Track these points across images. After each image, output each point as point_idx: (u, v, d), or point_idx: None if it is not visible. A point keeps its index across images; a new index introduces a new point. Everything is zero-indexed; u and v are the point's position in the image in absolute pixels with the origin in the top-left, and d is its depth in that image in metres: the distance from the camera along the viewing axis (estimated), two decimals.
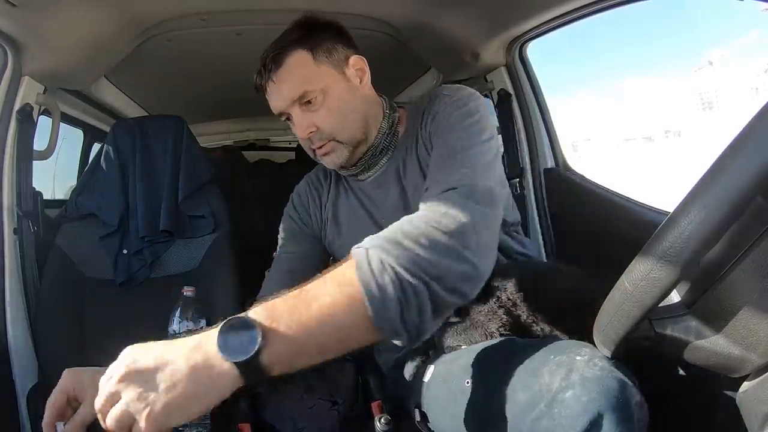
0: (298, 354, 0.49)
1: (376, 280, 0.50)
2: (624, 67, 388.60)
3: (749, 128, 0.38)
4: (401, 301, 0.50)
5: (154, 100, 1.74)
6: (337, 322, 0.49)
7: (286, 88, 0.77)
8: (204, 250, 1.16)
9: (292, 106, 0.77)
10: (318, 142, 0.79)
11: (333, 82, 0.78)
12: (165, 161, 1.19)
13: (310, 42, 0.77)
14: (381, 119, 0.83)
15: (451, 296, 0.53)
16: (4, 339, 1.00)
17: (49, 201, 1.18)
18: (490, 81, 1.37)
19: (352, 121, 0.79)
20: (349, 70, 0.80)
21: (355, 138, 0.80)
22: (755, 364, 0.43)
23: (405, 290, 0.50)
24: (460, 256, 0.53)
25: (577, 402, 0.47)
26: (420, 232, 0.54)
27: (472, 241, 0.55)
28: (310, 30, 0.78)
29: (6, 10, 0.86)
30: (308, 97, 0.76)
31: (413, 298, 0.50)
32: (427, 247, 0.52)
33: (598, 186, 1.22)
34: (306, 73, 0.76)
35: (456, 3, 1.10)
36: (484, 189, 0.61)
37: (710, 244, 0.39)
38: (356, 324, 0.50)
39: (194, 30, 1.17)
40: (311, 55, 0.77)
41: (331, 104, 0.77)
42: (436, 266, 0.52)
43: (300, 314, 0.49)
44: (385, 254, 0.52)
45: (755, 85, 67.36)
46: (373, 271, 0.51)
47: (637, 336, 0.47)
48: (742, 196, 0.37)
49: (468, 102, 0.75)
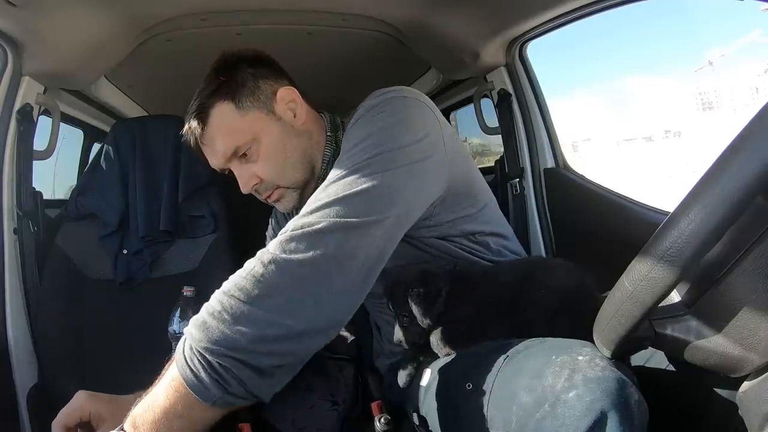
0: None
1: (189, 367, 0.54)
2: (624, 67, 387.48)
3: (749, 128, 0.38)
4: (219, 381, 0.53)
5: (154, 100, 1.75)
6: (178, 413, 0.54)
7: (217, 146, 0.73)
8: (204, 251, 1.16)
9: (228, 163, 0.74)
10: (264, 192, 0.76)
11: (263, 128, 0.73)
12: (165, 161, 1.19)
13: (230, 89, 0.72)
14: (323, 146, 0.78)
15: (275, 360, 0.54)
16: (4, 339, 1.00)
17: (49, 201, 1.18)
18: (490, 81, 1.37)
19: (292, 164, 0.75)
20: (278, 106, 0.75)
21: (299, 180, 0.76)
22: (755, 364, 0.43)
23: (216, 370, 0.53)
24: (267, 322, 0.53)
25: (580, 402, 0.47)
26: (222, 307, 0.54)
27: (275, 301, 0.53)
28: (228, 74, 0.73)
29: (6, 10, 0.86)
30: (242, 150, 0.73)
31: (228, 375, 0.53)
32: (226, 321, 0.53)
33: (598, 186, 1.21)
34: (233, 126, 0.72)
35: (456, 3, 1.10)
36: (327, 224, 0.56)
37: (710, 244, 0.39)
38: (193, 409, 0.54)
39: (194, 30, 1.17)
40: (234, 104, 0.72)
41: (267, 151, 0.73)
42: (242, 339, 0.52)
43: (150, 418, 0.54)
44: (191, 339, 0.55)
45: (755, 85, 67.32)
46: (186, 358, 0.54)
47: (637, 336, 0.46)
48: (742, 196, 0.37)
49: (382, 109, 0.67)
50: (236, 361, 0.52)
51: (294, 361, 0.56)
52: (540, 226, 1.31)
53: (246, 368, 0.53)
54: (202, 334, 0.54)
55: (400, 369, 0.80)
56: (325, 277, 0.55)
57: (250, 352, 0.53)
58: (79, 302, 1.09)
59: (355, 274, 0.57)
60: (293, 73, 0.81)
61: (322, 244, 0.55)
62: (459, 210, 0.76)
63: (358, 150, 0.63)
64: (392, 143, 0.63)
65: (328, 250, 0.55)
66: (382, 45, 1.33)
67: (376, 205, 0.59)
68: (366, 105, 0.70)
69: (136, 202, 1.17)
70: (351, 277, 0.57)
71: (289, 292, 0.54)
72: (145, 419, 0.54)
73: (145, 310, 1.07)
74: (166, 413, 0.54)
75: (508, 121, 1.34)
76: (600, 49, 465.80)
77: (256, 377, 0.54)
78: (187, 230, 1.18)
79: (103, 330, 1.07)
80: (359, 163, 0.61)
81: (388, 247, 0.61)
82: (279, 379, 0.56)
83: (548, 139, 1.32)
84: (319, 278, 0.55)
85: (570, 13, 1.07)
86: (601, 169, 19.08)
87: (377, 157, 0.61)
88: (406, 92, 0.71)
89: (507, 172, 1.37)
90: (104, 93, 1.45)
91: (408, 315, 0.70)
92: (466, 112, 1.69)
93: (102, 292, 1.11)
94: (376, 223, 0.58)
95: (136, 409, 0.56)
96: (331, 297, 0.56)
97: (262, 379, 0.54)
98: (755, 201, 0.39)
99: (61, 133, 1.22)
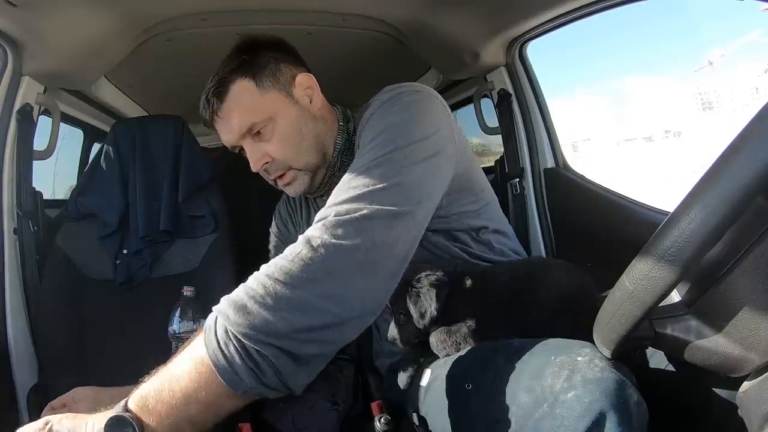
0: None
1: (222, 353, 0.50)
2: (624, 67, 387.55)
3: (749, 128, 0.38)
4: (253, 369, 0.50)
5: (154, 100, 1.75)
6: (200, 399, 0.50)
7: (233, 122, 0.73)
8: (204, 250, 1.16)
9: (242, 139, 0.74)
10: (275, 172, 0.77)
11: (281, 109, 0.74)
12: (165, 161, 1.19)
13: (252, 68, 0.73)
14: (336, 135, 0.79)
15: (315, 348, 0.51)
16: (4, 339, 1.00)
17: (49, 201, 1.18)
18: (490, 81, 1.37)
19: (307, 147, 0.76)
20: (296, 90, 0.76)
21: (312, 163, 0.77)
22: (755, 364, 0.43)
23: (253, 358, 0.49)
24: (312, 308, 0.50)
25: (579, 402, 0.47)
26: (265, 290, 0.51)
27: (328, 285, 0.51)
28: (251, 54, 0.74)
29: (6, 10, 0.86)
30: (257, 128, 0.73)
31: (264, 363, 0.50)
32: (269, 306, 0.50)
33: (598, 186, 1.21)
34: (251, 103, 0.73)
35: (456, 3, 1.10)
36: (365, 212, 0.55)
37: (711, 244, 0.39)
38: (218, 398, 0.51)
39: (194, 30, 1.17)
40: (254, 82, 0.73)
41: (282, 132, 0.74)
42: (285, 326, 0.49)
43: (166, 399, 0.51)
44: (227, 322, 0.51)
45: (755, 85, 67.34)
46: (218, 341, 0.51)
47: (637, 336, 0.46)
48: (743, 195, 0.37)
49: (396, 103, 0.68)
50: (276, 349, 0.49)
51: (332, 350, 0.54)
52: (540, 226, 1.31)
53: (284, 356, 0.50)
54: (242, 318, 0.50)
55: (400, 370, 0.80)
56: (373, 264, 0.54)
57: (292, 340, 0.50)
58: (79, 302, 1.09)
59: (394, 263, 0.57)
60: None
61: (369, 231, 0.54)
62: (462, 204, 0.77)
63: (381, 141, 0.63)
64: (413, 136, 0.64)
65: (375, 236, 0.54)
66: (382, 45, 1.33)
67: (412, 196, 0.59)
68: (381, 98, 0.71)
69: (136, 202, 1.17)
70: (392, 264, 0.56)
71: (338, 277, 0.52)
72: (161, 401, 0.51)
73: (145, 310, 1.07)
74: (186, 397, 0.50)
75: (508, 121, 1.34)
76: (600, 49, 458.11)
77: (293, 366, 0.51)
78: (187, 230, 1.18)
79: (103, 330, 1.07)
80: (387, 154, 0.61)
81: (418, 237, 0.61)
82: (313, 369, 0.53)
83: (548, 139, 1.32)
84: (367, 265, 0.54)
85: (570, 13, 1.07)
86: (601, 169, 19.09)
87: (404, 149, 0.62)
88: (418, 87, 0.73)
89: (507, 172, 1.37)
90: (104, 93, 1.45)
91: (405, 313, 0.70)
92: (466, 112, 1.69)
93: (102, 292, 1.11)
94: (411, 213, 0.59)
95: (146, 388, 0.53)
96: (376, 284, 0.55)
97: (299, 368, 0.51)
98: (755, 201, 0.39)
99: (61, 133, 1.22)
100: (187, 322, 0.88)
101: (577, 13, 1.06)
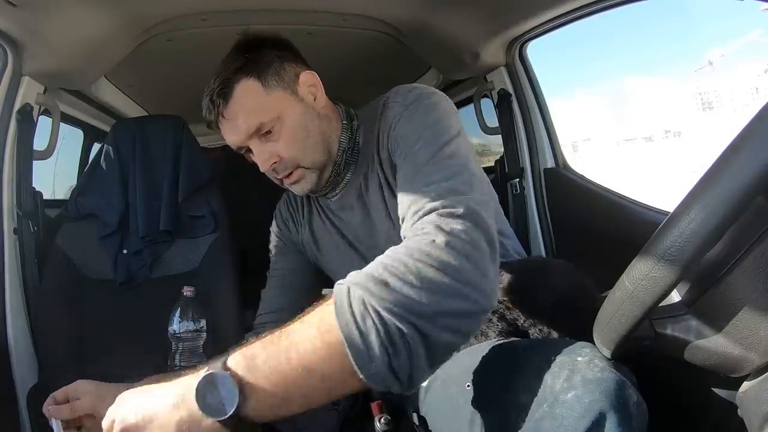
0: (281, 405, 0.47)
1: (357, 326, 0.45)
2: (624, 67, 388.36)
3: (749, 128, 0.38)
4: (388, 349, 0.45)
5: (154, 100, 1.75)
6: (319, 374, 0.46)
7: (240, 122, 0.72)
8: (204, 250, 1.16)
9: (249, 140, 0.74)
10: (283, 171, 0.76)
11: (288, 107, 0.73)
12: (165, 161, 1.19)
13: (256, 67, 0.72)
14: (340, 133, 0.79)
15: (449, 337, 0.48)
16: (4, 339, 1.00)
17: (49, 201, 1.18)
18: (490, 81, 1.37)
19: (313, 144, 0.75)
20: (301, 88, 0.75)
21: (319, 161, 0.76)
22: (755, 364, 0.43)
23: (391, 336, 0.45)
24: (456, 293, 0.48)
25: (579, 403, 0.47)
26: (407, 269, 0.48)
27: (469, 272, 0.49)
28: (254, 53, 0.73)
29: (6, 10, 0.86)
30: (265, 128, 0.72)
31: (402, 345, 0.45)
32: (416, 286, 0.47)
33: (598, 186, 1.22)
34: (257, 103, 0.72)
35: (456, 3, 1.10)
36: (468, 203, 0.54)
37: (711, 244, 0.39)
38: (340, 375, 0.46)
39: (195, 30, 1.17)
40: (260, 82, 0.72)
41: (290, 130, 0.73)
42: (428, 307, 0.46)
43: (279, 364, 0.46)
44: (367, 295, 0.47)
45: (755, 85, 67.35)
46: (354, 315, 0.46)
47: (637, 336, 0.47)
48: (743, 195, 0.37)
49: (420, 104, 0.69)
50: (415, 331, 0.46)
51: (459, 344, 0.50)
52: (540, 226, 1.32)
53: (420, 341, 0.46)
54: (385, 293, 0.46)
55: None
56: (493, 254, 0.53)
57: (433, 323, 0.46)
58: (79, 302, 1.09)
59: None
60: None
61: (483, 222, 0.53)
62: None
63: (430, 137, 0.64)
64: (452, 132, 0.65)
65: (487, 225, 0.54)
66: (382, 45, 1.33)
67: (485, 185, 0.62)
68: (401, 101, 0.71)
69: (136, 202, 1.17)
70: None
71: (476, 266, 0.50)
72: (273, 367, 0.47)
73: (145, 310, 1.07)
74: (304, 368, 0.46)
75: (508, 121, 1.34)
76: (600, 49, 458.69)
77: (424, 355, 0.46)
78: (187, 230, 1.18)
79: (103, 330, 1.07)
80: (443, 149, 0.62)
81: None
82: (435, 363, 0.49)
83: (548, 139, 1.32)
84: (489, 255, 0.52)
85: (570, 13, 1.07)
86: (602, 169, 19.10)
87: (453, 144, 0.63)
88: (430, 89, 0.73)
89: (507, 172, 1.37)
90: (104, 93, 1.45)
91: None
92: (466, 112, 1.69)
93: (102, 292, 1.11)
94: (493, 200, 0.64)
95: (253, 350, 0.48)
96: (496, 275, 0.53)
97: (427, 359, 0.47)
98: (755, 201, 0.39)
99: (61, 133, 1.22)
100: (187, 322, 0.88)
101: (577, 13, 1.06)
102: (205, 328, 0.90)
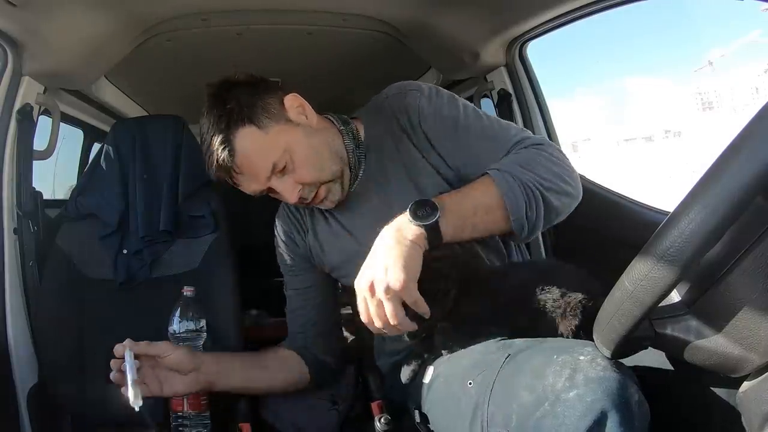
0: (461, 228, 0.68)
1: (510, 187, 0.69)
2: (624, 67, 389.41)
3: (749, 128, 0.38)
4: (526, 201, 0.69)
5: (154, 100, 1.74)
6: (484, 211, 0.70)
7: (254, 170, 0.74)
8: (204, 250, 1.16)
9: (269, 182, 0.75)
10: (310, 194, 0.78)
11: (290, 137, 0.75)
12: (165, 161, 1.19)
13: (242, 113, 0.73)
14: (342, 137, 0.81)
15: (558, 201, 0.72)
16: (4, 339, 1.00)
17: (49, 201, 1.18)
18: (490, 81, 1.37)
19: (326, 159, 0.78)
20: (291, 113, 0.77)
21: (337, 171, 0.79)
22: (755, 364, 0.43)
23: (528, 194, 0.69)
24: (564, 180, 0.72)
25: (581, 402, 0.47)
26: (536, 163, 0.72)
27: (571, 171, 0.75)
28: (233, 101, 0.74)
29: (6, 10, 0.85)
30: (279, 166, 0.74)
31: (533, 201, 0.70)
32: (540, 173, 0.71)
33: (598, 186, 1.22)
34: (262, 146, 0.73)
35: (456, 3, 1.10)
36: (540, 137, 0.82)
37: (710, 244, 0.39)
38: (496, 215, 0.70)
39: (194, 30, 1.17)
40: (254, 126, 0.73)
41: (302, 157, 0.75)
42: (550, 182, 0.71)
43: (461, 203, 0.70)
44: (518, 172, 0.70)
45: (755, 85, 67.36)
46: (508, 182, 0.70)
47: (637, 336, 0.46)
48: (743, 195, 0.37)
49: (440, 91, 0.84)
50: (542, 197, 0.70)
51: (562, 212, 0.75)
52: None
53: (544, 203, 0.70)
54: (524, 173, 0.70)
55: (404, 365, 0.81)
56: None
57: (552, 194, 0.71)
58: (79, 302, 1.09)
59: None
60: (293, 73, 0.81)
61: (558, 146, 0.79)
62: None
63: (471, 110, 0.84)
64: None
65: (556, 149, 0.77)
66: (382, 45, 1.33)
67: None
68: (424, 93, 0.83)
69: (136, 202, 1.16)
70: None
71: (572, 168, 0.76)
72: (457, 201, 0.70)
73: (145, 310, 1.07)
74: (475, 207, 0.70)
75: (508, 121, 1.34)
76: (600, 49, 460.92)
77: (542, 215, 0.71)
78: (187, 230, 1.18)
79: (103, 330, 1.07)
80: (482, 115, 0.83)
81: None
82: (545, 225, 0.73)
83: (548, 139, 1.32)
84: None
85: (570, 13, 1.07)
86: (602, 169, 19.12)
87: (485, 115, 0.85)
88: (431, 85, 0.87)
89: None
90: (104, 93, 1.45)
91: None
92: None
93: (102, 292, 1.11)
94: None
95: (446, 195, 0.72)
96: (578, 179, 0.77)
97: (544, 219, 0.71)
98: (755, 201, 0.39)
99: (61, 133, 1.22)
100: (187, 322, 0.88)
101: (577, 13, 1.07)
102: (205, 328, 0.90)
